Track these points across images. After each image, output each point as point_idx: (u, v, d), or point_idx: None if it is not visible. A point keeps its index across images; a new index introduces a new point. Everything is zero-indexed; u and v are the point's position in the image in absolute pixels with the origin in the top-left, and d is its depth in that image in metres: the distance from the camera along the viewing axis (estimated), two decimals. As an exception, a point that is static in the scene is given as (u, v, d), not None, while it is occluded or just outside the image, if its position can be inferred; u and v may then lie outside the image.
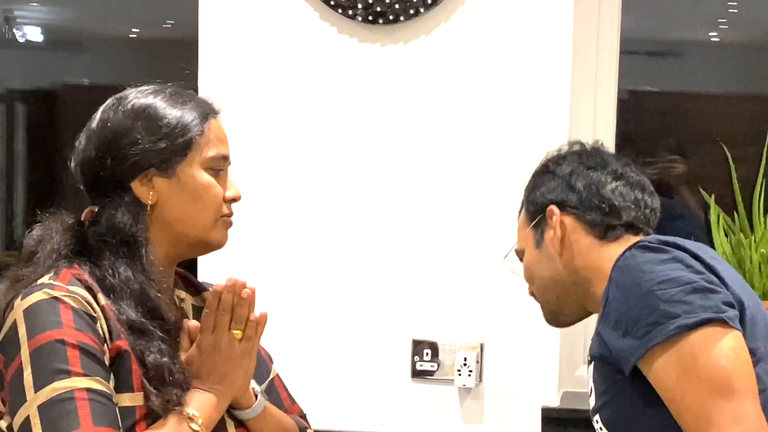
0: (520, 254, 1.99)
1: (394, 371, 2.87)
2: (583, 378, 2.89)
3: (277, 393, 1.86)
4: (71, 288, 1.57)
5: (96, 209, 1.67)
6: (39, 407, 1.48)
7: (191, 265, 2.91)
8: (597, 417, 1.80)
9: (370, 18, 2.79)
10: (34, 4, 4.27)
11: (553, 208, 1.90)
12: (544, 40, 2.77)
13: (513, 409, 2.83)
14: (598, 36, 2.93)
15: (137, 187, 1.65)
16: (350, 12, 2.80)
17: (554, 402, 2.83)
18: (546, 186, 1.93)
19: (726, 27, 3.81)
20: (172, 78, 1.77)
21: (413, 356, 2.86)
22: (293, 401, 1.91)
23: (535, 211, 1.94)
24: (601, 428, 1.79)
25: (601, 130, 2.96)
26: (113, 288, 1.61)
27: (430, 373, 2.85)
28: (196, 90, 1.77)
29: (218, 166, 1.69)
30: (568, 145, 1.99)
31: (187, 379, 1.62)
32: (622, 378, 1.71)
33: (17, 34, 4.18)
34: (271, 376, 1.89)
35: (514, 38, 2.78)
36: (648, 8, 3.55)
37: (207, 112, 1.69)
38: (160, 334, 1.61)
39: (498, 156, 2.80)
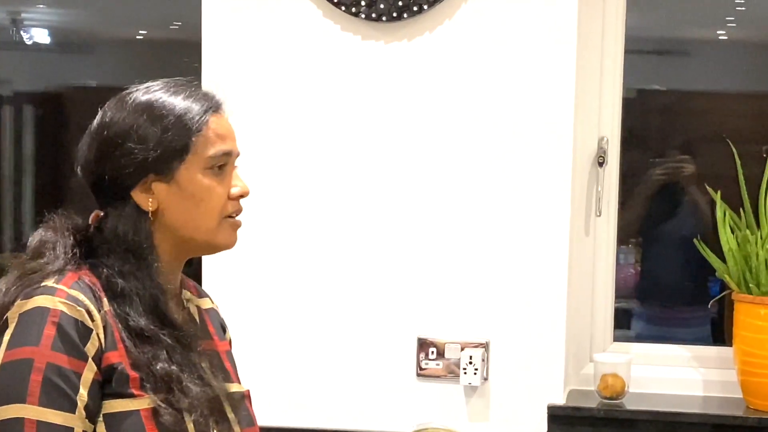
0: None
1: (400, 370, 2.86)
2: (589, 376, 2.90)
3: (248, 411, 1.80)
4: (72, 293, 1.56)
5: (101, 213, 1.67)
6: None
7: (196, 264, 2.92)
8: None
9: (374, 16, 2.79)
10: (41, 6, 4.28)
11: None
12: (549, 38, 2.76)
13: (519, 408, 2.83)
14: (603, 33, 2.93)
15: (137, 194, 1.64)
16: (353, 10, 2.79)
17: (560, 400, 2.82)
18: None
19: (734, 25, 3.79)
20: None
21: (418, 355, 2.85)
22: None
23: None
24: None
25: (606, 127, 2.95)
26: (122, 294, 1.61)
27: (436, 371, 2.84)
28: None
29: (220, 163, 1.66)
30: None
31: (203, 388, 1.61)
32: None
33: (24, 36, 4.18)
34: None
35: (518, 36, 2.77)
36: (655, 6, 3.54)
37: (205, 109, 1.65)
38: (170, 341, 1.61)
39: (503, 154, 2.80)
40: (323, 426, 2.89)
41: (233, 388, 1.75)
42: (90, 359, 1.54)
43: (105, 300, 1.59)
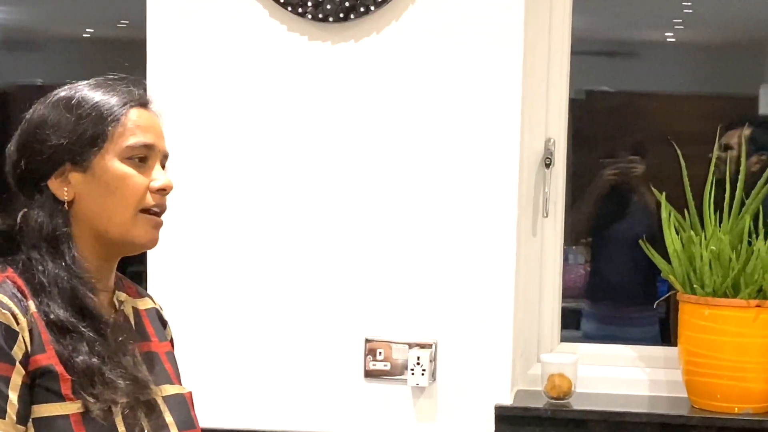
0: None
1: (347, 371, 2.85)
2: (537, 376, 2.90)
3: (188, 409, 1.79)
4: None
5: (25, 211, 1.65)
6: None
7: (143, 265, 2.89)
8: None
9: (321, 16, 2.77)
10: (-13, 4, 4.24)
11: None
12: (495, 38, 2.76)
13: (466, 408, 2.83)
14: (549, 34, 2.93)
15: (53, 183, 1.62)
16: (300, 10, 2.78)
17: (507, 400, 2.82)
18: None
19: (681, 27, 3.83)
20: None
21: (366, 355, 2.84)
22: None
23: None
24: None
25: (553, 129, 2.96)
26: (42, 286, 1.59)
27: (383, 372, 2.84)
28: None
29: (139, 155, 1.63)
30: None
31: (128, 381, 1.59)
32: None
33: (-31, 34, 4.14)
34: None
35: (464, 37, 2.77)
36: (603, 8, 3.56)
37: (126, 101, 1.65)
38: (91, 334, 1.58)
39: (449, 155, 2.79)
40: (270, 428, 2.87)
41: (173, 390, 1.73)
42: (17, 363, 1.52)
43: (31, 302, 1.57)
